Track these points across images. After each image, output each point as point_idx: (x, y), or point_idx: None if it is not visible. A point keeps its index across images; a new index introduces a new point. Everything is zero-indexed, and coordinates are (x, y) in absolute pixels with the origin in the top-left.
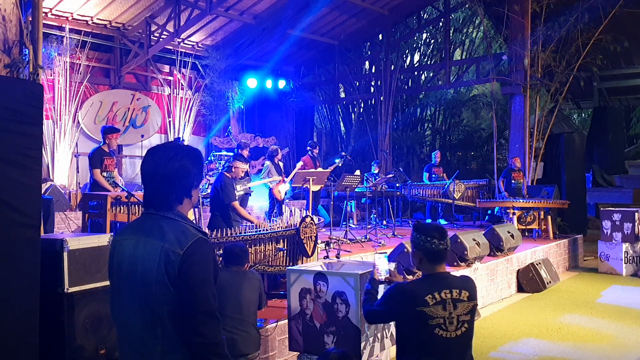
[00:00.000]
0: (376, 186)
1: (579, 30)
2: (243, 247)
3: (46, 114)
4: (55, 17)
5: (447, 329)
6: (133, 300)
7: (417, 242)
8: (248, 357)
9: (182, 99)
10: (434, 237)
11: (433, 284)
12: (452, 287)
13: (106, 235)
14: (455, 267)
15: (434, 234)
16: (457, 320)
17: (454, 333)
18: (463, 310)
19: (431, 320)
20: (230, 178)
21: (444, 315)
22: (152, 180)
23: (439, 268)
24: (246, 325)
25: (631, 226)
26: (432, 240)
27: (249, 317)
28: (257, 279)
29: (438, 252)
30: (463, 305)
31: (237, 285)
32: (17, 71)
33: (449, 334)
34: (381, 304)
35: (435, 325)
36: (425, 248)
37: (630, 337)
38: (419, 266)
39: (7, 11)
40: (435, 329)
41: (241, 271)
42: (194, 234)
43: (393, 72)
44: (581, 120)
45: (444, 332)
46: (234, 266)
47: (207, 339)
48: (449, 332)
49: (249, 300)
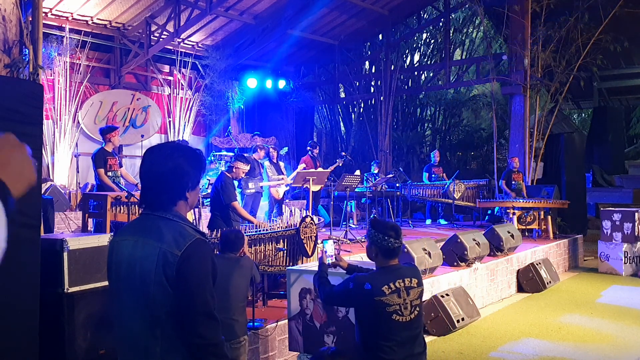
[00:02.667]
0: (376, 186)
1: (579, 30)
2: (238, 233)
3: (46, 114)
4: (55, 17)
5: (402, 313)
6: (132, 301)
7: (374, 239)
8: (231, 342)
9: (182, 99)
10: (390, 237)
11: (388, 275)
12: (404, 277)
13: (106, 235)
14: (455, 267)
15: (390, 232)
16: (410, 305)
17: (408, 317)
18: (415, 296)
19: (388, 308)
20: (231, 178)
21: (399, 302)
22: (147, 180)
23: (392, 262)
24: (231, 312)
25: (631, 226)
26: (388, 239)
27: (236, 303)
28: (248, 266)
29: (393, 249)
30: (414, 291)
31: (227, 273)
32: (17, 71)
33: (404, 318)
34: (341, 292)
35: (393, 311)
36: (382, 245)
37: (630, 337)
38: (374, 260)
39: (7, 11)
40: (392, 315)
41: (234, 258)
42: (192, 234)
43: (393, 72)
44: (581, 120)
45: (400, 317)
46: (229, 252)
47: (206, 340)
48: (404, 316)
49: (236, 289)
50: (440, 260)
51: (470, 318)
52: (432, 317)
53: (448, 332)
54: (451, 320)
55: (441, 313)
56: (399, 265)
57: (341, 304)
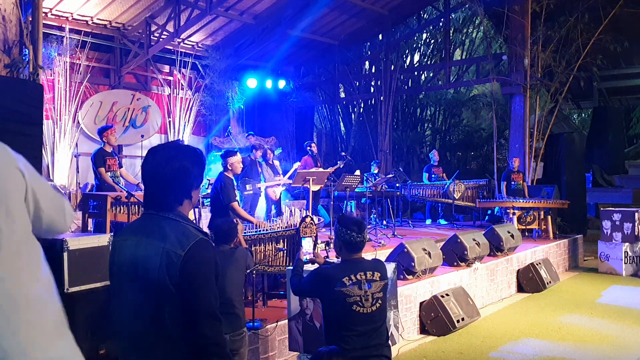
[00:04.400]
0: (376, 186)
1: (579, 30)
2: (231, 223)
3: (46, 114)
4: (55, 17)
5: (363, 305)
6: (134, 300)
7: (338, 233)
8: (232, 334)
9: (182, 99)
10: (352, 231)
11: (349, 267)
12: (365, 270)
13: (106, 235)
14: (455, 267)
15: (353, 227)
16: (372, 298)
17: (369, 309)
18: (377, 289)
19: (349, 298)
20: (230, 178)
21: (360, 293)
22: (152, 181)
23: (355, 255)
24: (230, 304)
25: (631, 226)
26: (350, 233)
27: (234, 296)
28: (243, 258)
29: (355, 243)
30: (376, 284)
31: (223, 266)
32: (17, 71)
33: (365, 310)
34: (306, 282)
35: (353, 302)
36: (345, 239)
37: (630, 337)
38: (338, 253)
39: (7, 11)
40: (353, 306)
41: (228, 251)
42: (195, 234)
43: (393, 72)
44: (581, 120)
45: (361, 308)
46: (223, 244)
47: (209, 339)
48: (365, 307)
49: (232, 282)
50: (440, 260)
51: (470, 318)
52: (432, 317)
53: (448, 332)
54: (451, 320)
55: (441, 313)
56: (362, 259)
57: (308, 294)
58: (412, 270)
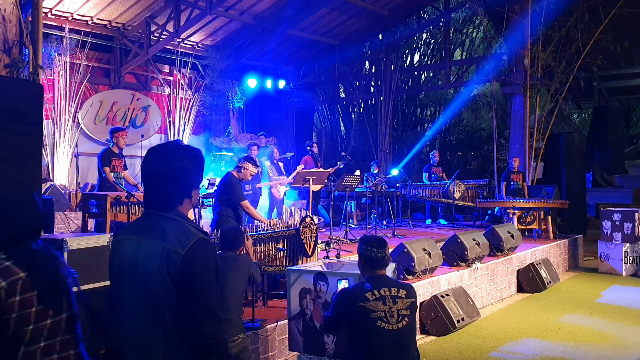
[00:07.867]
0: (376, 186)
1: (579, 30)
2: (237, 231)
3: (46, 114)
4: (55, 17)
5: (388, 321)
6: (134, 300)
7: (360, 251)
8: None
9: (182, 99)
10: (373, 247)
11: (372, 283)
12: (390, 286)
13: (106, 235)
14: (455, 267)
15: (373, 244)
16: (397, 314)
17: (395, 325)
18: (402, 306)
19: (372, 314)
20: (237, 178)
21: (384, 309)
22: (152, 181)
23: (379, 272)
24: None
25: (631, 226)
26: (371, 250)
27: (232, 302)
28: (246, 265)
29: (376, 259)
30: (402, 301)
31: (223, 272)
32: (17, 71)
33: (390, 326)
34: (332, 309)
35: (377, 317)
36: (366, 256)
37: (630, 337)
38: (362, 272)
39: (7, 11)
40: (377, 322)
41: (231, 257)
42: (195, 234)
43: (393, 72)
44: (581, 120)
45: (385, 324)
46: (227, 251)
47: (210, 339)
48: (390, 324)
49: (231, 288)
50: (440, 260)
51: (470, 318)
52: (432, 317)
53: (448, 332)
54: (451, 320)
55: (441, 313)
56: (385, 276)
57: (336, 319)
58: (412, 270)
